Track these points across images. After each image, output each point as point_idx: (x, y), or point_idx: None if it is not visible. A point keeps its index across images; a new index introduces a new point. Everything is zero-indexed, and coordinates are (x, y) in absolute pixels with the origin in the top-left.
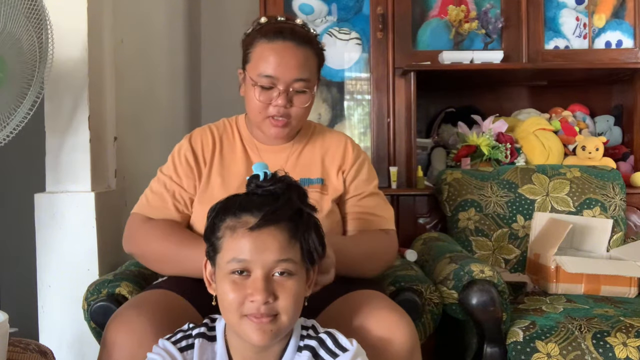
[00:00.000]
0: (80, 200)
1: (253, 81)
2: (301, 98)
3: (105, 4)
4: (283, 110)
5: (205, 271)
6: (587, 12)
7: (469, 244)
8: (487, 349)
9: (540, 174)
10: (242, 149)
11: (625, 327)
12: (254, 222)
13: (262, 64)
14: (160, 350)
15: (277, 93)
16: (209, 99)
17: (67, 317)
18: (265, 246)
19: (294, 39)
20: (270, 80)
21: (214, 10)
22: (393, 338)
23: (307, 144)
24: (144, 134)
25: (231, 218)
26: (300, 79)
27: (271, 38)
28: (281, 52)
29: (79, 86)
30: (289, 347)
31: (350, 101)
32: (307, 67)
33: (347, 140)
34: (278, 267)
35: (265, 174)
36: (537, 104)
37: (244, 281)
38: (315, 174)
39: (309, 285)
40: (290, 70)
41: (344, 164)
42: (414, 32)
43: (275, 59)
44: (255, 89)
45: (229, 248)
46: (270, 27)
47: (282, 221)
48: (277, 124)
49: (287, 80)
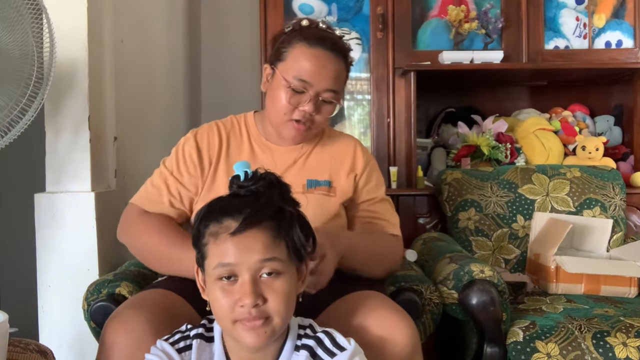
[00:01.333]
0: (80, 200)
1: (286, 82)
2: (328, 108)
3: (105, 4)
4: (308, 117)
5: (198, 277)
6: (587, 12)
7: (469, 244)
8: (487, 349)
9: (540, 174)
10: (250, 147)
11: (625, 327)
12: (236, 227)
13: (299, 67)
14: (158, 351)
15: (307, 99)
16: (209, 99)
17: (67, 317)
18: (248, 248)
19: (334, 50)
20: (303, 85)
21: (214, 10)
22: (394, 339)
23: (316, 146)
24: (144, 134)
25: (214, 224)
26: (331, 89)
27: (313, 44)
28: (321, 60)
29: (79, 86)
30: (286, 346)
31: (350, 101)
32: (340, 79)
33: (356, 144)
34: (264, 267)
35: (245, 173)
36: (537, 104)
37: (232, 286)
38: (322, 176)
39: (301, 281)
40: (325, 80)
41: (355, 167)
42: (414, 32)
43: (313, 66)
44: (286, 90)
45: (213, 254)
46: (313, 32)
47: (264, 221)
48: (299, 127)
49: (319, 89)
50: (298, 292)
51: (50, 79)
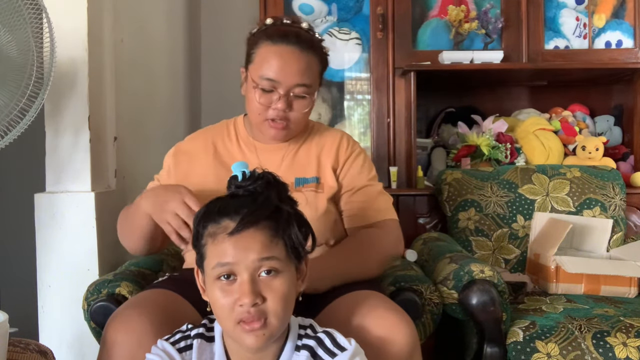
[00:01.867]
0: (80, 200)
1: (254, 83)
2: (301, 103)
3: (105, 4)
4: (282, 114)
5: (198, 279)
6: (587, 12)
7: (469, 244)
8: (487, 349)
9: (540, 174)
10: (238, 148)
11: (625, 327)
12: (233, 227)
13: (265, 66)
14: (159, 351)
15: (278, 97)
16: (209, 99)
17: (67, 317)
18: (247, 247)
19: (298, 44)
20: (271, 84)
21: (214, 11)
22: (393, 338)
23: (303, 143)
24: (144, 134)
25: (212, 225)
26: (301, 84)
27: (275, 41)
28: (284, 56)
29: (79, 86)
30: (286, 346)
31: (351, 101)
32: (309, 72)
33: (342, 136)
34: (263, 266)
35: (243, 173)
36: (537, 104)
37: (231, 286)
38: (310, 173)
39: (301, 280)
40: (292, 75)
41: (337, 160)
42: (414, 32)
43: (278, 63)
44: (256, 91)
45: (212, 254)
46: (276, 29)
47: (261, 221)
48: (275, 126)
49: (288, 85)
50: (298, 292)
51: (51, 79)
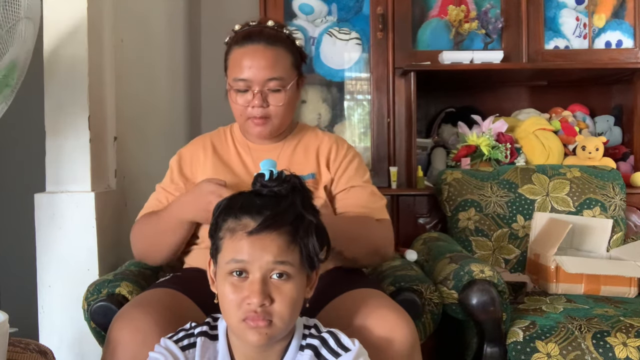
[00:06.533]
0: (80, 200)
1: (230, 86)
2: (276, 97)
3: (105, 4)
4: (261, 111)
5: (209, 269)
6: (587, 12)
7: (469, 244)
8: (487, 349)
9: (540, 174)
10: (235, 150)
11: (625, 327)
12: (254, 227)
13: (236, 68)
14: (162, 349)
15: (252, 95)
16: (209, 99)
17: (67, 317)
18: (263, 248)
19: (261, 40)
20: (244, 84)
21: (214, 10)
22: (393, 337)
23: (299, 143)
24: (144, 134)
25: (232, 219)
26: (272, 78)
27: (242, 43)
28: (251, 55)
29: (79, 86)
30: (291, 346)
31: (350, 101)
32: (278, 66)
33: (337, 139)
34: (276, 268)
35: (270, 172)
36: (537, 104)
37: (242, 283)
38: (307, 170)
39: (310, 287)
40: (261, 71)
41: (331, 158)
42: (414, 32)
43: (246, 62)
44: (232, 93)
45: (228, 249)
46: (242, 32)
47: (282, 226)
48: (258, 123)
49: (259, 81)
50: (305, 298)
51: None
